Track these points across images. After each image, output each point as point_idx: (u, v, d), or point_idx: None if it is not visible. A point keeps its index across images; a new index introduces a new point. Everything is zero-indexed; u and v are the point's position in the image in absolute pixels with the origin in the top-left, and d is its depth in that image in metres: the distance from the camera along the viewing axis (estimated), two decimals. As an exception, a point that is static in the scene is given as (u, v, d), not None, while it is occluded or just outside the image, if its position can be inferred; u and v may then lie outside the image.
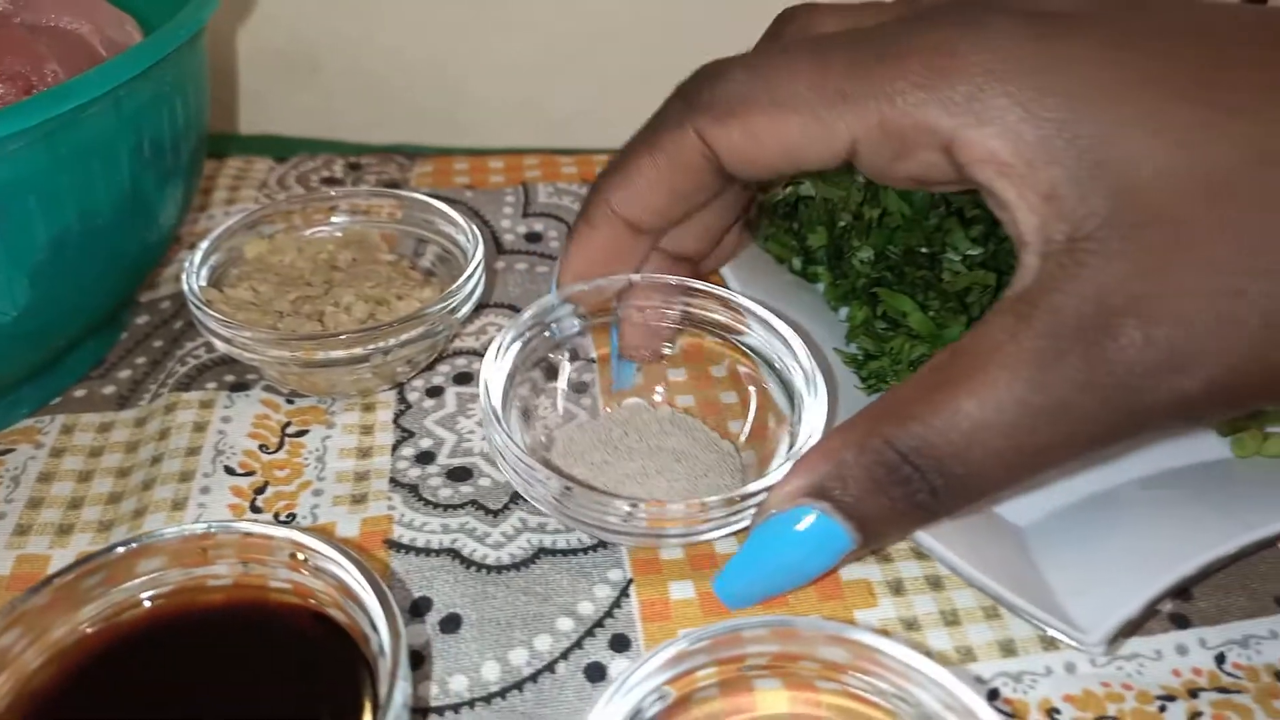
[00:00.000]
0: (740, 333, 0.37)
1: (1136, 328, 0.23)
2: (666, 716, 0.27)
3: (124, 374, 0.43)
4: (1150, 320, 0.23)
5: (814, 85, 0.27)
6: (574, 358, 0.39)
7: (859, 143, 0.27)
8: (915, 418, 0.26)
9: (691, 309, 0.38)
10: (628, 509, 0.31)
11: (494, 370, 0.34)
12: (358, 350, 0.38)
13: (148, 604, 0.29)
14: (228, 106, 0.67)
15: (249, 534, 0.29)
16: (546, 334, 0.37)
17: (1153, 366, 0.23)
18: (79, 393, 0.42)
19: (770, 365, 0.36)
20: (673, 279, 0.37)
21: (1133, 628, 0.32)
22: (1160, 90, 0.24)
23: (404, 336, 0.38)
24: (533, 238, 0.52)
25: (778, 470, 0.30)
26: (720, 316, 0.37)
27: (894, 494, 0.26)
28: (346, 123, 0.65)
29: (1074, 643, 0.30)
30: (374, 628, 0.27)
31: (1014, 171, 0.25)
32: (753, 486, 0.31)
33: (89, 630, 0.28)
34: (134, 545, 0.29)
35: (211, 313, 0.38)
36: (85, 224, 0.35)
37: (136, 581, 0.29)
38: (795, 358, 0.35)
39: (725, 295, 0.37)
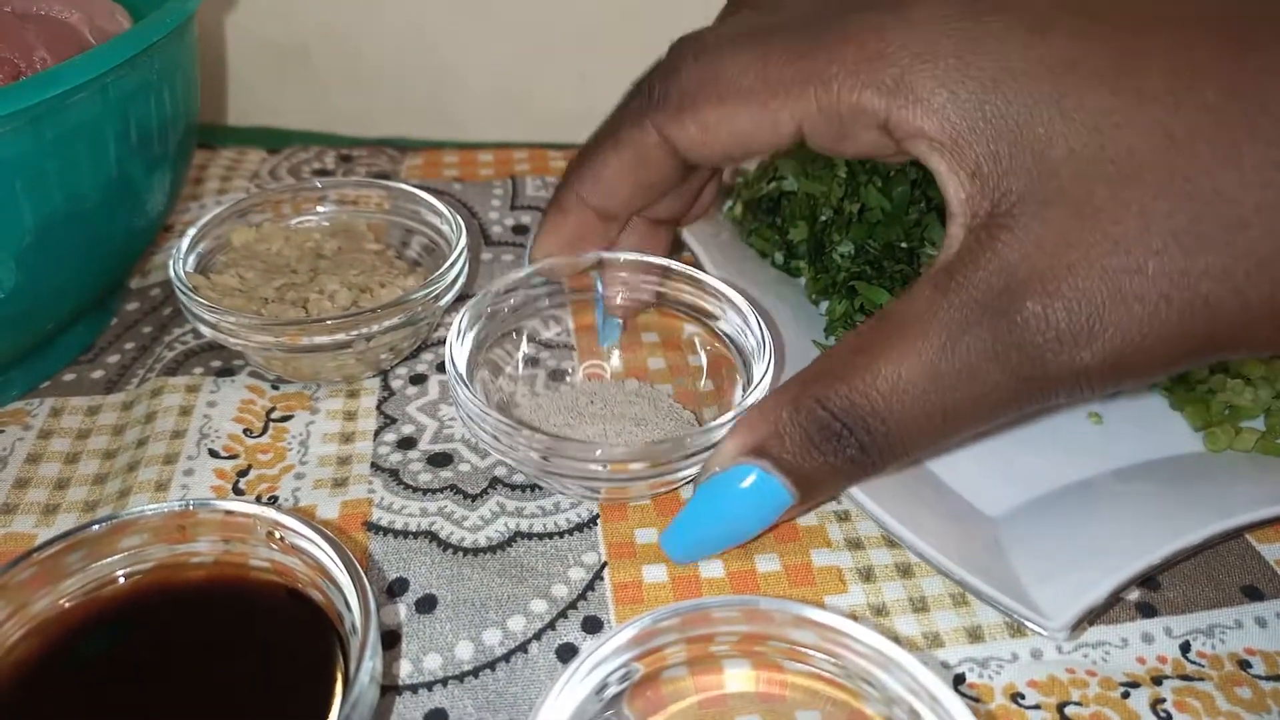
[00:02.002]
0: (706, 311, 0.39)
1: (1038, 301, 0.25)
2: (634, 692, 0.28)
3: (113, 359, 0.43)
4: (1051, 294, 0.25)
5: (758, 76, 0.29)
6: (538, 335, 0.41)
7: (804, 125, 0.29)
8: (842, 378, 0.27)
9: (661, 288, 0.40)
10: (594, 461, 0.33)
11: (460, 339, 0.36)
12: (340, 336, 0.38)
13: (127, 579, 0.30)
14: (218, 96, 0.67)
15: (229, 512, 0.30)
16: (515, 304, 0.39)
17: (1052, 339, 0.25)
18: (68, 376, 0.42)
19: (728, 337, 0.38)
20: (640, 257, 0.39)
21: (1097, 614, 0.32)
22: (1078, 74, 0.25)
23: (387, 323, 0.38)
24: (520, 230, 0.52)
25: (727, 418, 0.32)
26: (687, 294, 0.39)
27: (826, 449, 0.28)
28: (339, 115, 0.66)
29: (1038, 628, 0.31)
30: (348, 606, 0.28)
31: (944, 148, 0.26)
32: (705, 432, 0.32)
33: (69, 604, 0.29)
34: (114, 521, 0.29)
35: (197, 298, 0.38)
36: (71, 208, 0.35)
37: (117, 557, 0.30)
38: (748, 326, 0.36)
39: (689, 273, 0.39)
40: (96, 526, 0.29)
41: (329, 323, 0.38)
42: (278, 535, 0.30)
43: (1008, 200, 0.26)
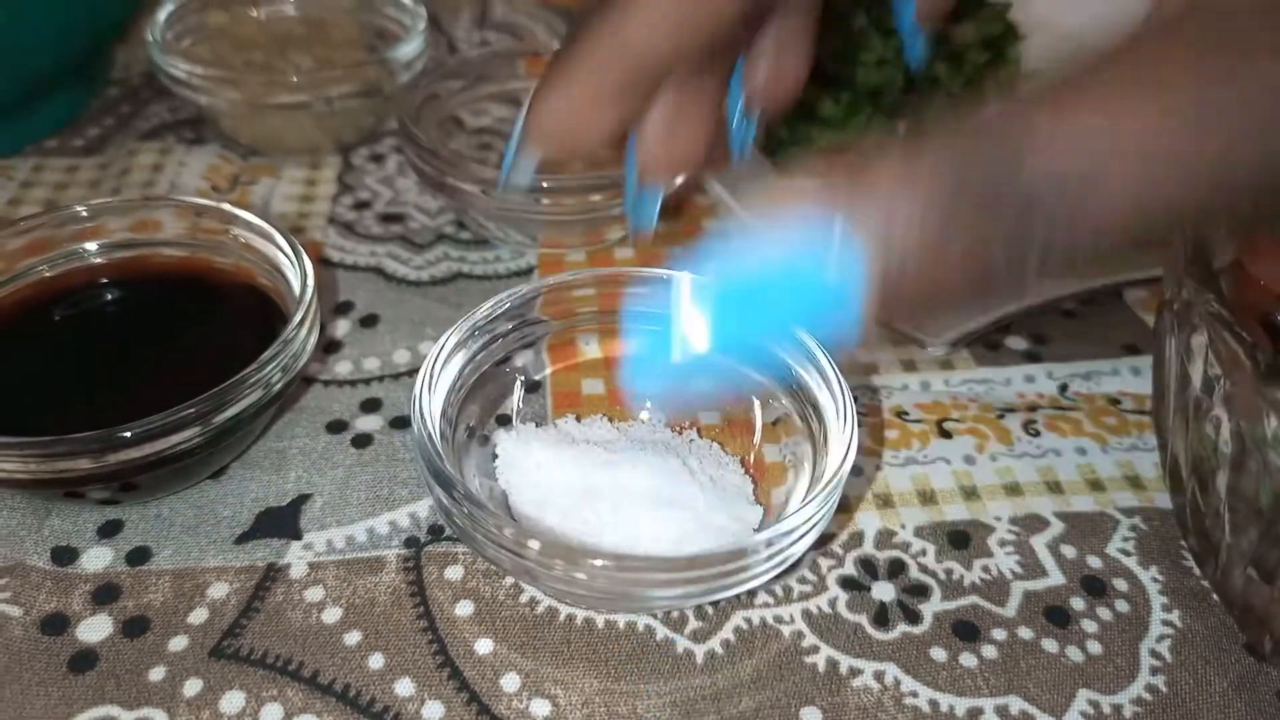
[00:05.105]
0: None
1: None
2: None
3: (93, 131, 0.46)
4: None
5: None
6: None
7: None
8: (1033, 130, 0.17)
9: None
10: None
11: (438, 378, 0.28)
12: (302, 96, 0.41)
13: (105, 259, 0.33)
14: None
15: (198, 206, 0.33)
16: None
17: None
18: (50, 143, 0.45)
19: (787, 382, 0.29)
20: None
21: (975, 339, 0.35)
22: None
23: (345, 88, 0.41)
24: (485, 44, 0.55)
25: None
26: None
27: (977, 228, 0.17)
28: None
29: (922, 342, 0.34)
30: (291, 288, 0.31)
31: None
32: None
33: (50, 273, 0.32)
34: (93, 203, 0.33)
35: (170, 56, 0.41)
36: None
37: (94, 243, 0.33)
38: (820, 373, 0.28)
39: None
40: (79, 208, 0.32)
41: (293, 79, 0.40)
42: (234, 233, 0.33)
43: None
